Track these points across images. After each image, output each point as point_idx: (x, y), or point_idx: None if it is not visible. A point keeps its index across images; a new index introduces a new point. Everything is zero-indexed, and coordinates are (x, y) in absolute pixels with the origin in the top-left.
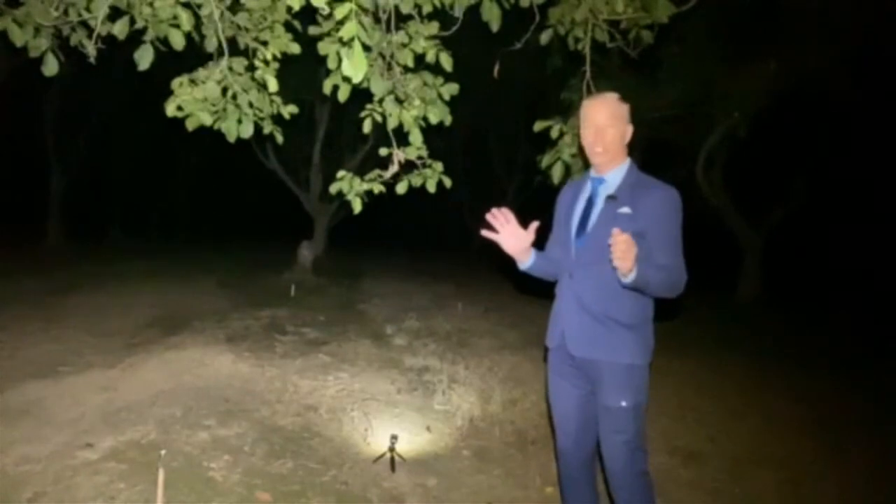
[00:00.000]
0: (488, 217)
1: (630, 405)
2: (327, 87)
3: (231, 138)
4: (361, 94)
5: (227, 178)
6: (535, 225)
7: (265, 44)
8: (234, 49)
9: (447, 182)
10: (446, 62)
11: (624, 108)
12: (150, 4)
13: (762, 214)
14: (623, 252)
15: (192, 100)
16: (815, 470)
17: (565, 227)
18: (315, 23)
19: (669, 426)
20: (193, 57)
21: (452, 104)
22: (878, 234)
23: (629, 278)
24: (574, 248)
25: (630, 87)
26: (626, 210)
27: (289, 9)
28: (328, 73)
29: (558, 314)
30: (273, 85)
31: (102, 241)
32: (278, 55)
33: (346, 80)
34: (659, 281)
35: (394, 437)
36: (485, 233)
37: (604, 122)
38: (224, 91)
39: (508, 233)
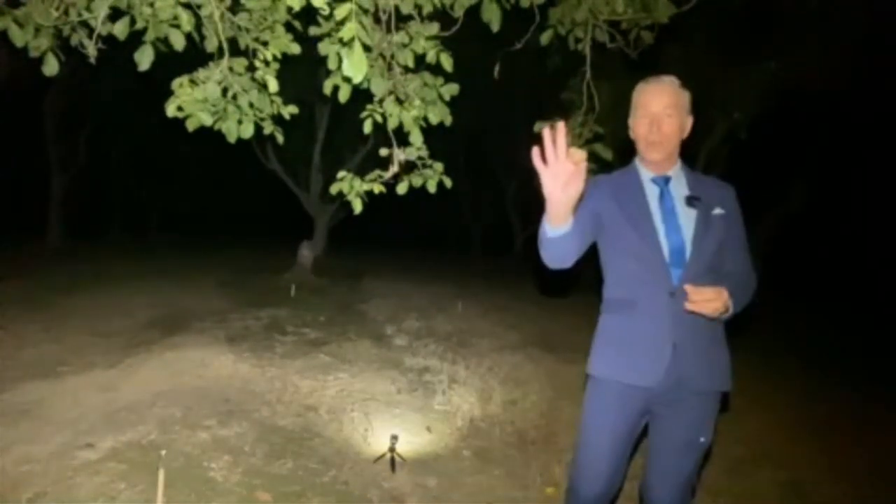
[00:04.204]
0: (546, 134)
1: (707, 442)
2: (328, 88)
3: (231, 139)
4: (362, 95)
5: (228, 178)
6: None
7: (265, 44)
8: (235, 49)
9: (447, 182)
10: (447, 62)
11: (684, 97)
12: (151, 5)
13: (762, 215)
14: (716, 305)
15: (193, 100)
16: (816, 470)
17: (641, 238)
18: (315, 23)
19: None
20: (194, 57)
21: (453, 104)
22: (879, 235)
23: (729, 314)
24: (673, 264)
25: (630, 88)
26: (720, 211)
27: (289, 9)
28: (328, 73)
29: (650, 343)
30: (273, 85)
31: (102, 241)
32: (279, 56)
33: (347, 80)
34: (743, 295)
35: (394, 438)
36: (535, 157)
37: (661, 112)
38: (224, 91)
39: (560, 168)
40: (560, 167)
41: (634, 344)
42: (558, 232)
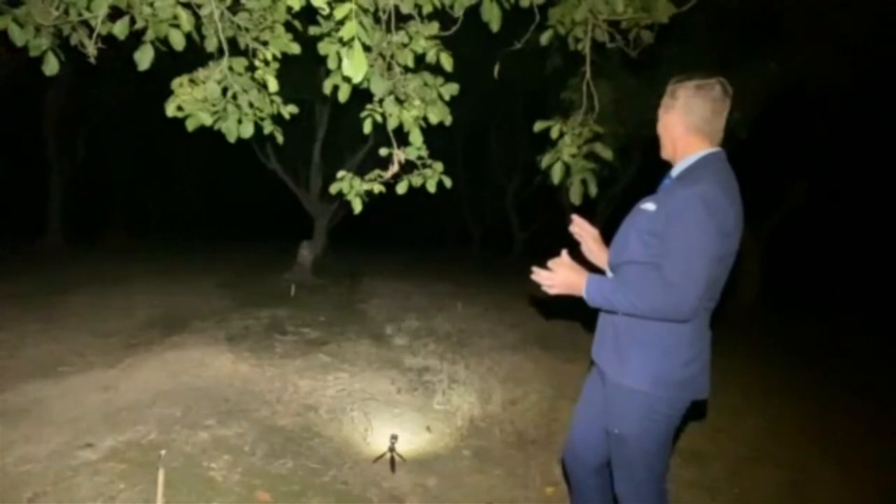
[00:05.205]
0: (571, 228)
1: (624, 435)
2: (327, 87)
3: (231, 138)
4: (361, 94)
5: (228, 178)
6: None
7: (265, 44)
8: (235, 49)
9: (447, 182)
10: (446, 62)
11: (673, 95)
12: (150, 4)
13: (762, 215)
14: (549, 281)
15: (193, 100)
16: (815, 470)
17: None
18: (315, 23)
19: None
20: (193, 57)
21: (452, 104)
22: (878, 235)
23: (586, 298)
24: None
25: (630, 87)
26: (648, 206)
27: (289, 9)
28: (328, 73)
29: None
30: (273, 85)
31: (102, 241)
32: (278, 55)
33: (347, 80)
34: (622, 294)
35: (394, 437)
36: (572, 229)
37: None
38: (224, 91)
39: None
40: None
41: None
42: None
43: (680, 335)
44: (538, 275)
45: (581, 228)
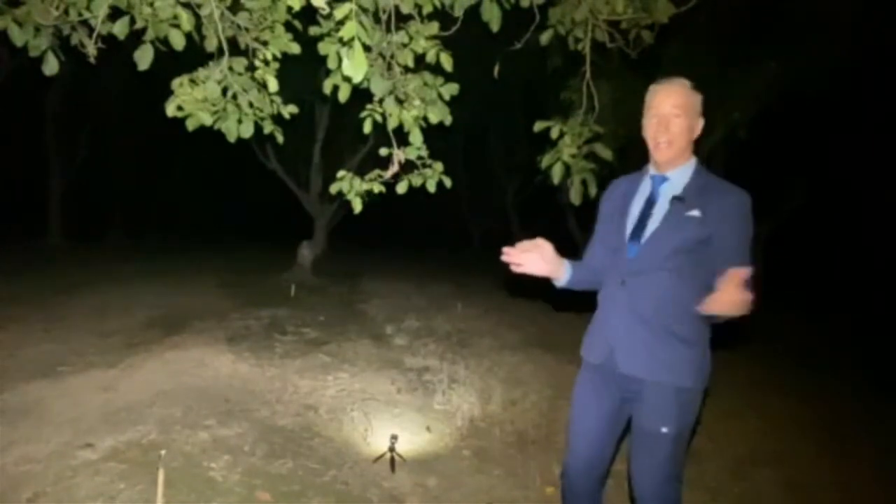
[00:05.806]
0: (503, 258)
1: (672, 433)
2: (327, 87)
3: (231, 138)
4: (361, 94)
5: (228, 178)
6: (543, 243)
7: (265, 44)
8: (235, 49)
9: (447, 182)
10: (446, 62)
11: (695, 99)
12: (150, 4)
13: (762, 215)
14: (732, 303)
15: (193, 100)
16: (815, 469)
17: (618, 231)
18: (315, 23)
19: None
20: (193, 57)
21: (452, 104)
22: (877, 234)
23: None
24: (628, 253)
25: (630, 88)
26: (695, 213)
27: (289, 9)
28: (328, 73)
29: (604, 326)
30: (273, 85)
31: (102, 241)
32: (278, 55)
33: (347, 80)
34: None
35: (394, 437)
36: (512, 268)
37: (669, 111)
38: (224, 91)
39: (529, 258)
40: (526, 259)
41: (595, 324)
42: (562, 282)
43: (708, 330)
44: (718, 303)
45: (524, 248)
